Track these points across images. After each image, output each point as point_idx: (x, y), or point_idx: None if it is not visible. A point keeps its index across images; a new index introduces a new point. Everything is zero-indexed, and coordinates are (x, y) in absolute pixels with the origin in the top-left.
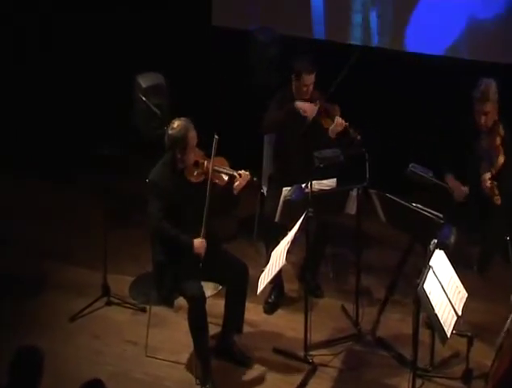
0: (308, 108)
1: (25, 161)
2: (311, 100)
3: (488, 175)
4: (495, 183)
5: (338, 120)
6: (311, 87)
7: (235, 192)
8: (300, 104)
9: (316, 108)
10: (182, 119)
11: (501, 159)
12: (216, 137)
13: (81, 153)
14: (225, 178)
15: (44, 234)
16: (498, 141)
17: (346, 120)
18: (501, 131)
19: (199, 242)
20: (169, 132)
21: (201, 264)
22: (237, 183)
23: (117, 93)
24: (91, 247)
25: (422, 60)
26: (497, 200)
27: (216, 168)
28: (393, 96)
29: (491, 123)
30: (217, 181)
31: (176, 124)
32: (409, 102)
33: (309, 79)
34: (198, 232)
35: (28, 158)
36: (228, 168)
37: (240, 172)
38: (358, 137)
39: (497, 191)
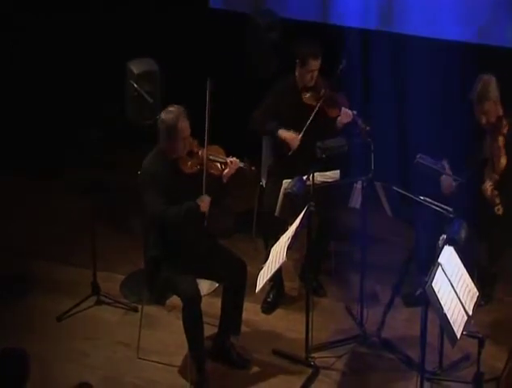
0: (290, 140)
1: (10, 157)
2: (316, 87)
3: (489, 183)
4: (496, 192)
5: (345, 111)
6: (316, 73)
7: (224, 180)
8: (282, 134)
9: (299, 139)
10: (176, 106)
11: (504, 161)
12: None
13: (68, 147)
14: (220, 167)
15: (30, 232)
16: (501, 141)
17: (353, 109)
18: (504, 129)
19: (203, 200)
20: (161, 118)
21: (206, 222)
22: (226, 171)
23: (109, 81)
24: (79, 245)
25: (430, 44)
26: (499, 210)
27: (211, 157)
28: (399, 82)
29: (494, 119)
30: (213, 171)
31: (168, 110)
32: (416, 88)
33: (315, 65)
34: (194, 224)
35: (13, 155)
36: (223, 156)
37: (230, 159)
38: (368, 128)
39: (498, 201)
